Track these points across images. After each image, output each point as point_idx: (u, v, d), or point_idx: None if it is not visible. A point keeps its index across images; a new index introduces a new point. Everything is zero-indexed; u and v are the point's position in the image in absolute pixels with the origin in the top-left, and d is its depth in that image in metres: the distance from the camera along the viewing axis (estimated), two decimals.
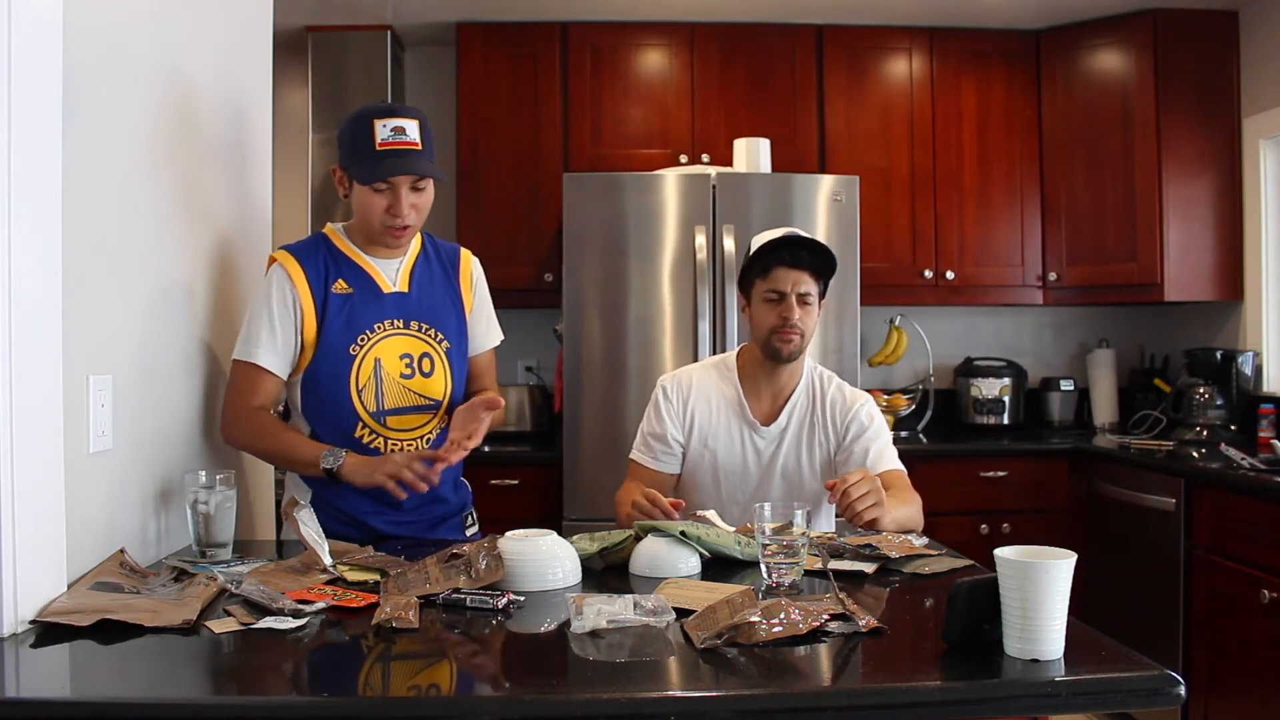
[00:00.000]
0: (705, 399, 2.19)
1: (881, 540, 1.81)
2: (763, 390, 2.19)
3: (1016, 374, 4.03)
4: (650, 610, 1.38)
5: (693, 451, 2.18)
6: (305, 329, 1.96)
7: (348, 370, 1.97)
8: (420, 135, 1.94)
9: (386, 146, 1.90)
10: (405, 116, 1.93)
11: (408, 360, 2.01)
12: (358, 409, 1.97)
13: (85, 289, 1.58)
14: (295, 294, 1.96)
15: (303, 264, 1.98)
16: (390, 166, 1.91)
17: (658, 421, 2.19)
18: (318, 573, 1.63)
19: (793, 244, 2.11)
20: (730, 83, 3.87)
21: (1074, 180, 3.90)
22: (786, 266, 2.10)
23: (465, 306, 2.11)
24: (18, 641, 1.31)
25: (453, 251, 2.15)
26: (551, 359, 4.00)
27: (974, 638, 1.25)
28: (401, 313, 2.01)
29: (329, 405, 1.98)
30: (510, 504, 3.37)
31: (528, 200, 3.80)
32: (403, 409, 2.00)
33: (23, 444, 1.34)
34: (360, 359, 1.97)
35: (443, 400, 2.04)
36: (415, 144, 1.92)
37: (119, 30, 1.71)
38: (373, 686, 1.24)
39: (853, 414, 2.17)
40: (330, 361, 1.96)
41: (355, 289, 2.00)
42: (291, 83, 3.98)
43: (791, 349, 2.11)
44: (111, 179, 1.69)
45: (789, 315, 2.08)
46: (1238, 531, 2.85)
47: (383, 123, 1.91)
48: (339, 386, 1.97)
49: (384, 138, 1.90)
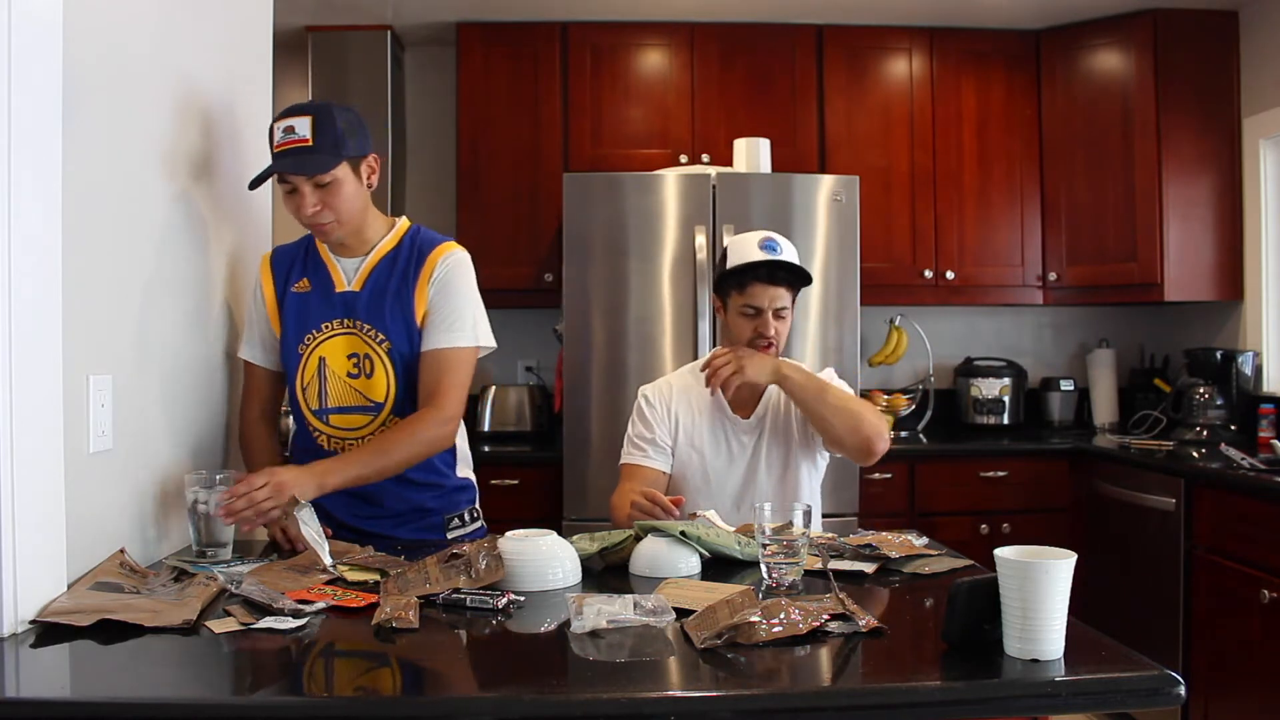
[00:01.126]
0: (686, 402, 2.22)
1: (881, 540, 1.81)
2: (743, 386, 2.19)
3: (1016, 374, 4.03)
4: (650, 610, 1.38)
5: (680, 453, 2.21)
6: (272, 324, 2.06)
7: (295, 367, 2.04)
8: (313, 130, 1.89)
9: (280, 148, 1.91)
10: (297, 115, 1.91)
11: (355, 360, 2.01)
12: (302, 406, 2.04)
13: (85, 289, 1.58)
14: (261, 292, 2.08)
15: (274, 263, 2.09)
16: (275, 166, 1.92)
17: (645, 427, 2.21)
18: (318, 572, 1.63)
19: (770, 262, 2.14)
20: (730, 83, 3.87)
21: (1074, 180, 3.90)
22: (763, 283, 2.14)
23: (416, 306, 2.00)
24: (18, 641, 1.31)
25: (430, 244, 2.06)
26: (551, 359, 4.00)
27: (974, 638, 1.25)
28: (348, 312, 2.02)
29: (291, 400, 2.07)
30: (510, 504, 3.37)
31: (528, 200, 3.80)
32: (345, 408, 2.02)
33: (23, 444, 1.34)
34: (306, 357, 2.02)
35: (385, 402, 2.01)
36: (304, 140, 1.89)
37: (119, 30, 1.71)
38: (373, 686, 1.24)
39: None
40: (286, 357, 2.05)
41: (314, 288, 2.05)
42: (291, 83, 3.98)
43: None
44: (111, 179, 1.69)
45: (765, 331, 2.15)
46: (1238, 531, 2.85)
47: (279, 124, 1.92)
48: (291, 383, 2.05)
49: (278, 139, 1.91)
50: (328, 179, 1.92)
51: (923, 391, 4.12)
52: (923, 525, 2.90)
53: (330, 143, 1.90)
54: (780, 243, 2.17)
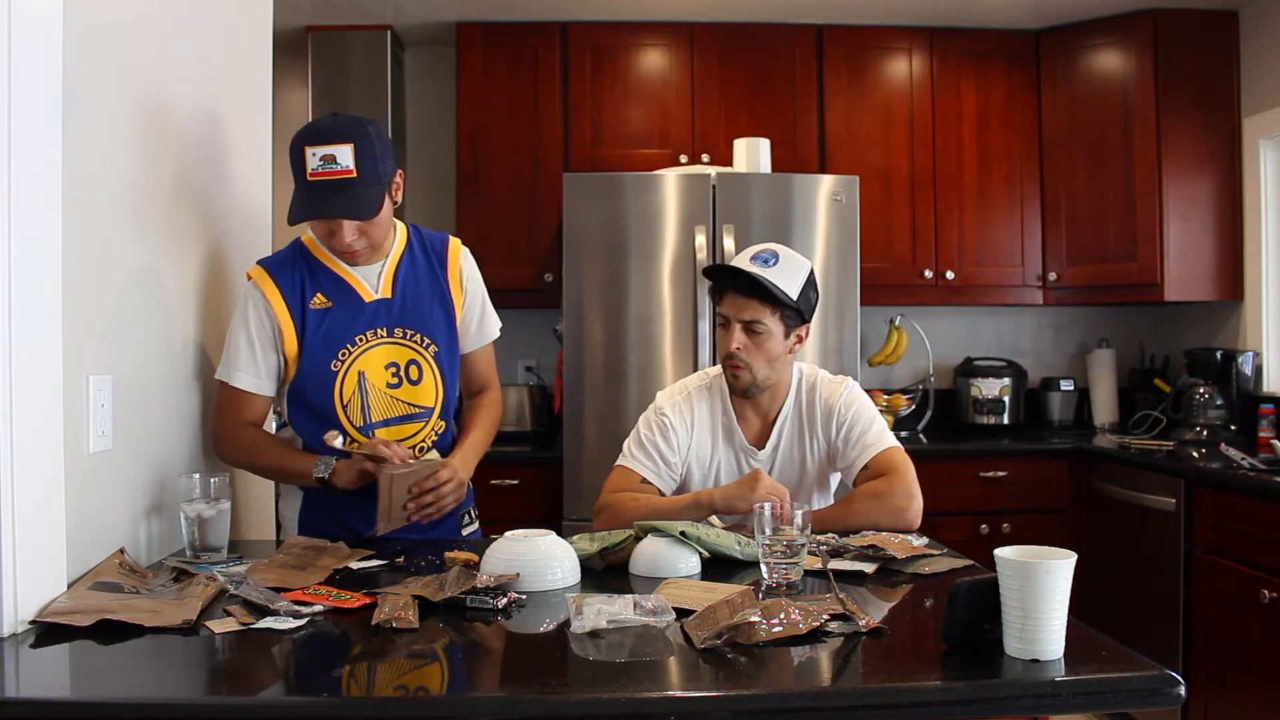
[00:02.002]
0: (705, 429, 2.12)
1: (882, 540, 1.81)
2: (749, 411, 2.13)
3: (1016, 374, 4.03)
4: (650, 610, 1.38)
5: (691, 477, 2.12)
6: (286, 346, 1.93)
7: (331, 385, 1.93)
8: (356, 160, 1.79)
9: (316, 178, 1.79)
10: (336, 141, 1.79)
11: (394, 369, 1.97)
12: (344, 424, 1.95)
13: (85, 289, 1.58)
14: (272, 313, 1.92)
15: (278, 281, 1.94)
16: (315, 205, 1.81)
17: (667, 446, 2.08)
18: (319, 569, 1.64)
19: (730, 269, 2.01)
20: (730, 83, 3.87)
21: (1074, 180, 3.90)
22: (736, 292, 2.01)
23: (455, 306, 2.04)
24: (18, 641, 1.31)
25: (440, 244, 2.06)
26: (551, 359, 4.00)
27: (974, 638, 1.25)
28: (385, 321, 1.97)
29: (316, 420, 1.95)
30: (510, 504, 3.37)
31: (528, 200, 3.80)
32: (391, 420, 1.98)
33: (23, 444, 1.34)
34: (343, 374, 1.94)
35: (434, 406, 2.01)
36: (348, 172, 1.79)
37: (119, 30, 1.71)
38: (372, 687, 1.24)
39: (835, 413, 2.08)
40: (313, 377, 1.93)
41: (335, 301, 1.95)
42: (291, 83, 3.98)
43: (741, 384, 2.04)
44: (111, 179, 1.69)
45: (728, 344, 2.02)
46: (1238, 531, 2.85)
47: (312, 150, 1.79)
48: (324, 402, 1.94)
49: (313, 167, 1.79)
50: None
51: (923, 391, 4.12)
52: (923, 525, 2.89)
53: (373, 174, 1.82)
54: (777, 257, 2.01)
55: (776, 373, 2.06)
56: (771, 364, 2.04)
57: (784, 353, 2.05)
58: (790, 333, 2.05)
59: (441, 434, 2.05)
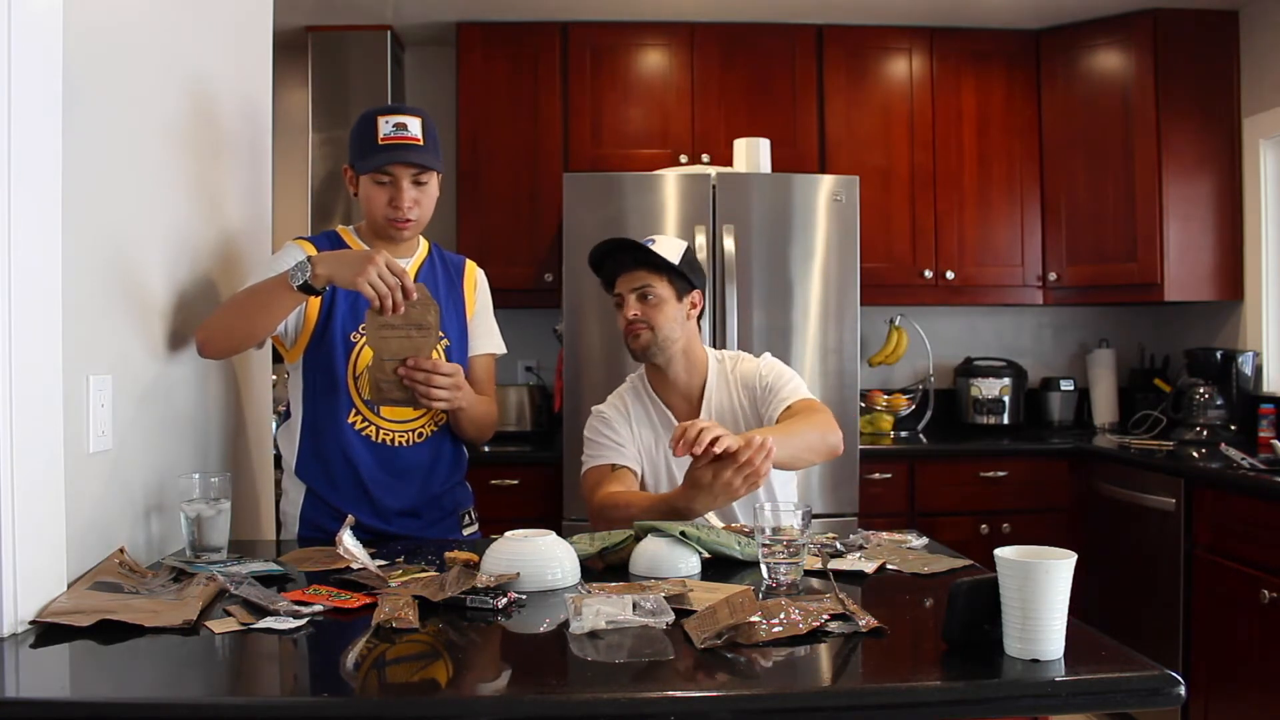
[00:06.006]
0: (642, 422, 2.19)
1: (882, 540, 1.81)
2: (673, 395, 2.20)
3: (1016, 374, 4.03)
4: (650, 610, 1.38)
5: (648, 477, 2.17)
6: (309, 305, 2.00)
7: (346, 355, 2.02)
8: (422, 131, 2.01)
9: (388, 141, 1.98)
10: (408, 114, 2.01)
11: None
12: (353, 395, 2.02)
13: (85, 289, 1.58)
14: None
15: (318, 246, 2.06)
16: (389, 157, 1.98)
17: (611, 431, 2.16)
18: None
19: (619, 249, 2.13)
20: (730, 83, 3.87)
21: (1074, 180, 3.90)
22: (623, 271, 2.14)
23: (467, 309, 2.17)
24: (18, 641, 1.31)
25: (458, 260, 2.23)
26: (551, 359, 4.00)
27: (974, 638, 1.25)
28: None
29: (326, 388, 2.02)
30: (510, 504, 3.37)
31: (528, 200, 3.80)
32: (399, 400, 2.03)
33: (23, 444, 1.34)
34: (361, 346, 2.02)
35: None
36: (416, 139, 2.00)
37: (119, 30, 1.71)
38: (372, 687, 1.24)
39: (757, 376, 2.16)
40: (330, 344, 2.02)
41: None
42: (291, 83, 3.98)
43: (640, 344, 2.12)
44: (111, 179, 1.69)
45: (627, 314, 2.12)
46: (1238, 531, 2.85)
47: (385, 119, 2.00)
48: (336, 370, 2.02)
49: (386, 133, 1.98)
50: (427, 179, 2.03)
51: (923, 391, 4.12)
52: (923, 525, 2.90)
53: (434, 149, 2.05)
54: (654, 240, 2.14)
55: (676, 332, 2.13)
56: (670, 323, 2.12)
57: (682, 318, 2.15)
58: (682, 297, 2.15)
59: (442, 425, 2.12)
